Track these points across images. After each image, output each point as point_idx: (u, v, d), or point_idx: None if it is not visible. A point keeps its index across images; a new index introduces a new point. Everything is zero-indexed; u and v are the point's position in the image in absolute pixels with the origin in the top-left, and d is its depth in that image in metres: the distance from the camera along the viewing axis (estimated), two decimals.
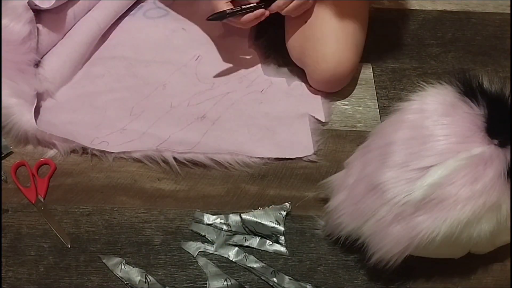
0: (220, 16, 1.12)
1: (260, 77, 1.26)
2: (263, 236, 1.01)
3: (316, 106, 1.21)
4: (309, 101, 1.22)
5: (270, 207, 1.05)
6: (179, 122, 1.17)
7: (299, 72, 1.26)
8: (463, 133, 0.86)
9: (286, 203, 1.05)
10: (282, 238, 1.01)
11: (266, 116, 1.19)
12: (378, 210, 0.87)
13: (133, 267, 0.97)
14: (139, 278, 0.96)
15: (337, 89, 1.24)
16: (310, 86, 1.24)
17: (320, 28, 1.17)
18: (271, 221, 1.03)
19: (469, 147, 0.84)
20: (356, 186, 0.91)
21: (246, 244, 1.01)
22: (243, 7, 1.11)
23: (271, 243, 1.01)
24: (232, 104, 1.20)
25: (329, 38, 1.16)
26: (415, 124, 0.89)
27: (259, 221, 1.03)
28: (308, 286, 0.96)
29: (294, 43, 1.22)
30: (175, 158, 1.09)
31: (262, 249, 1.00)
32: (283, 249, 1.00)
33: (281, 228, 1.02)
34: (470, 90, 0.90)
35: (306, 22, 1.19)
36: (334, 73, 1.17)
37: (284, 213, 1.03)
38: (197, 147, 1.12)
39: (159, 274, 0.97)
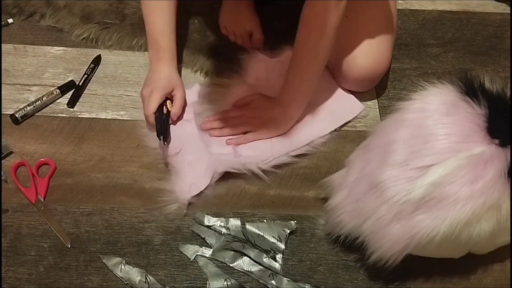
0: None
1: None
2: (261, 250, 1.00)
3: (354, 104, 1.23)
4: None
5: (276, 221, 1.03)
6: None
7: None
8: (464, 133, 0.86)
9: (292, 222, 1.03)
10: (280, 256, 1.00)
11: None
12: (378, 208, 0.87)
13: (133, 267, 0.97)
14: (139, 278, 0.96)
15: (368, 87, 1.23)
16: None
17: (362, 26, 1.15)
18: (273, 236, 1.02)
19: (470, 147, 0.84)
20: (357, 185, 0.91)
21: (243, 251, 1.00)
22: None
23: (268, 258, 1.00)
24: None
25: (370, 37, 1.15)
26: (416, 123, 0.89)
27: (261, 234, 1.02)
28: (306, 287, 0.96)
29: None
30: (261, 169, 1.10)
31: (257, 260, 0.99)
32: (277, 266, 0.99)
33: (282, 246, 1.01)
34: (471, 90, 0.90)
35: (346, 16, 1.11)
36: (372, 71, 1.16)
37: (288, 231, 1.02)
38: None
39: (159, 274, 0.97)
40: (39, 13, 1.36)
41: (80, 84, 1.23)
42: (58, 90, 1.21)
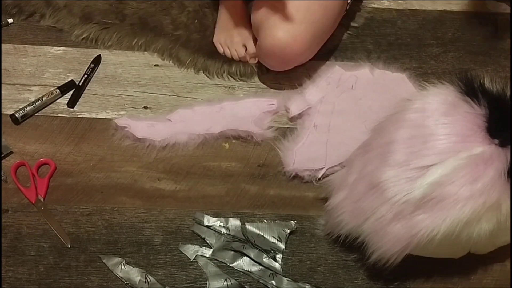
0: None
1: (343, 74, 1.25)
2: (261, 250, 1.00)
3: (408, 87, 1.22)
4: (399, 85, 1.23)
5: (276, 221, 1.03)
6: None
7: (374, 60, 1.29)
8: (464, 133, 0.86)
9: (292, 222, 1.03)
10: (280, 256, 1.00)
11: (371, 110, 1.18)
12: (378, 208, 0.87)
13: (133, 267, 0.97)
14: (139, 278, 0.96)
15: (281, 67, 1.21)
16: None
17: (291, 1, 1.14)
18: (273, 236, 1.01)
19: (470, 147, 0.84)
20: (357, 185, 0.91)
21: (243, 251, 1.00)
22: None
23: (268, 258, 0.99)
24: (333, 107, 1.20)
25: (293, 12, 1.13)
26: (416, 123, 0.89)
27: (261, 234, 1.02)
28: (306, 287, 0.96)
29: (261, 4, 1.20)
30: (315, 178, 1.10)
31: (257, 260, 0.99)
32: (277, 266, 0.98)
33: (282, 246, 1.01)
34: (471, 90, 0.90)
35: None
36: (283, 46, 1.14)
37: (288, 231, 1.02)
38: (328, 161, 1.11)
39: (159, 274, 0.97)
40: (39, 13, 1.36)
41: (80, 84, 1.23)
42: (58, 90, 1.21)
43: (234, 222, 1.03)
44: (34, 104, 1.17)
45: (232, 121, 1.17)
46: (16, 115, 1.15)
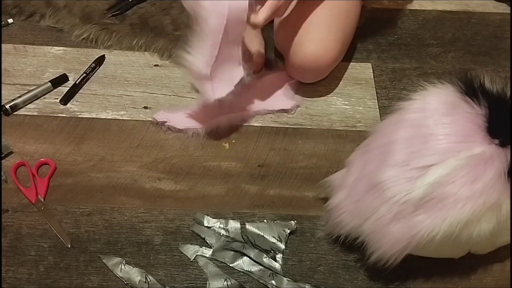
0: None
1: None
2: (261, 250, 1.00)
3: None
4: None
5: (276, 221, 1.03)
6: None
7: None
8: (464, 133, 0.86)
9: (292, 221, 1.03)
10: (280, 256, 0.99)
11: None
12: (378, 208, 0.87)
13: (133, 267, 0.97)
14: (139, 278, 0.96)
15: (314, 79, 1.22)
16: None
17: (314, 12, 1.15)
18: (273, 236, 1.01)
19: (470, 147, 0.84)
20: (357, 185, 0.91)
21: (243, 251, 1.00)
22: None
23: (268, 258, 0.99)
24: None
25: (319, 24, 1.14)
26: (416, 123, 0.89)
27: (261, 234, 1.01)
28: (306, 287, 0.96)
29: (284, 21, 1.19)
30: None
31: (257, 260, 0.99)
32: (277, 266, 0.98)
33: (282, 246, 1.00)
34: (471, 90, 0.90)
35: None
36: (316, 59, 1.15)
37: (288, 231, 1.02)
38: None
39: (159, 274, 0.97)
40: (39, 13, 1.36)
41: (77, 82, 1.23)
42: (49, 83, 1.21)
43: (234, 225, 1.03)
44: (24, 96, 1.18)
45: (260, 98, 1.20)
46: (6, 106, 1.16)
